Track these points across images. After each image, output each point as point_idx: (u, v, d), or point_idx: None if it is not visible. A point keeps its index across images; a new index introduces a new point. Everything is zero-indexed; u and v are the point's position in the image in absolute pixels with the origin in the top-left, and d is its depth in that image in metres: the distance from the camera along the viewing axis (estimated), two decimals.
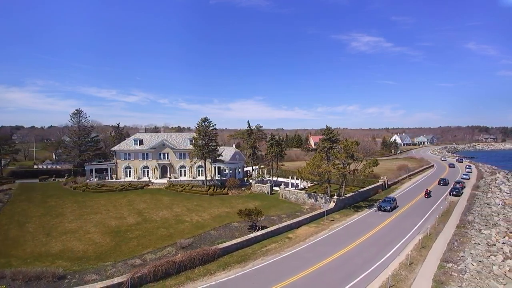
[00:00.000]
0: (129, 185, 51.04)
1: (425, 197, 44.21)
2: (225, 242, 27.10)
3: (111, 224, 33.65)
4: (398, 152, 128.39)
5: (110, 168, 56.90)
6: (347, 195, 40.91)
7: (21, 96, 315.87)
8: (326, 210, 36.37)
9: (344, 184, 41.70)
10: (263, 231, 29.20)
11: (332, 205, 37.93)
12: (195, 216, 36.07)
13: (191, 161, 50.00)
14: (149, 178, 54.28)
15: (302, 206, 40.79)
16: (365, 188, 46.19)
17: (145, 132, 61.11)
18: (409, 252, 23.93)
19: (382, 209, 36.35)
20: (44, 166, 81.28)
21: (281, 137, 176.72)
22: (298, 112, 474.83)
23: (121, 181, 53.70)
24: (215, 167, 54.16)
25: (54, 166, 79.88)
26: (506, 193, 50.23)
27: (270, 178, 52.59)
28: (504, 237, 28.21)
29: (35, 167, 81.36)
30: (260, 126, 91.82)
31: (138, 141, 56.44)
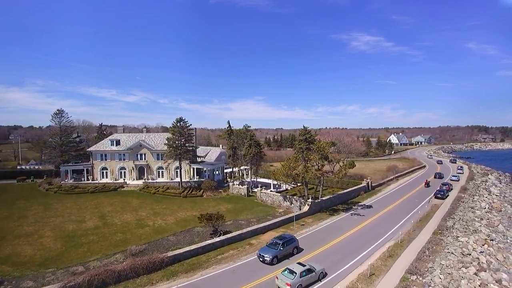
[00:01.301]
0: (103, 187, 49.31)
1: (425, 187, 50.82)
2: (179, 248, 25.29)
3: (68, 228, 32.00)
4: (392, 152, 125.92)
5: (87, 169, 55.23)
6: (323, 198, 38.84)
7: (21, 96, 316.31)
8: (299, 214, 34.42)
9: (321, 186, 39.63)
10: (223, 237, 27.31)
11: (306, 208, 35.90)
12: (159, 220, 34.22)
13: (165, 162, 48.16)
14: (124, 179, 52.48)
15: (277, 209, 38.82)
16: (345, 191, 44.02)
17: (123, 132, 59.31)
18: (373, 262, 21.94)
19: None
20: (28, 167, 79.82)
21: (275, 137, 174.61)
22: (298, 112, 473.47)
23: (95, 183, 51.99)
24: (193, 168, 52.28)
25: (37, 167, 78.47)
26: (496, 195, 47.89)
27: (251, 180, 50.61)
28: (483, 245, 26.08)
29: (18, 167, 79.95)
30: (248, 126, 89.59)
31: (114, 142, 54.68)
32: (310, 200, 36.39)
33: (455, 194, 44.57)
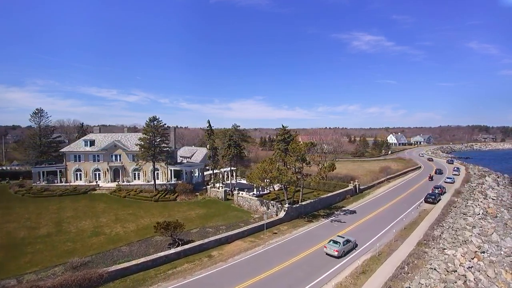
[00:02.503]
0: (73, 189, 46.51)
1: (429, 180, 56.78)
2: (126, 262, 22.39)
3: (19, 235, 29.25)
4: (389, 152, 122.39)
5: (60, 171, 52.50)
6: (303, 203, 35.80)
7: (21, 96, 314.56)
8: (274, 220, 31.44)
9: (301, 190, 36.64)
10: (180, 248, 24.39)
11: (281, 214, 32.90)
12: (119, 227, 31.33)
13: (137, 164, 45.31)
14: (96, 182, 49.64)
15: (252, 215, 35.82)
16: (328, 194, 40.91)
17: (99, 132, 56.47)
18: (341, 280, 18.93)
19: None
20: (9, 168, 77.24)
21: (271, 137, 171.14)
22: (299, 112, 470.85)
23: (67, 185, 49.18)
24: (170, 170, 49.39)
25: (17, 168, 75.89)
26: (492, 199, 44.63)
27: (231, 182, 47.64)
28: (472, 258, 23.00)
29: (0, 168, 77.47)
30: (237, 126, 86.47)
31: (88, 142, 51.85)
32: (287, 205, 33.38)
33: (447, 198, 41.38)
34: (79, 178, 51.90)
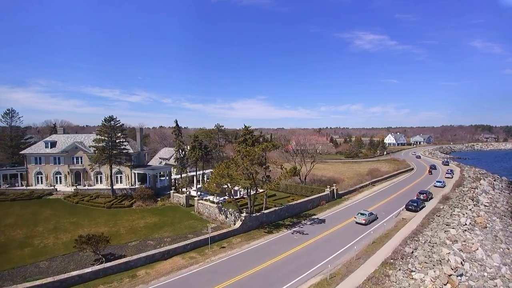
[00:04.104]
0: (29, 194, 43.24)
1: (429, 174, 62.36)
2: (30, 281, 18.83)
3: None
4: (384, 153, 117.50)
5: (21, 174, 49.37)
6: (266, 211, 31.85)
7: (25, 96, 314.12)
8: (226, 232, 27.61)
9: (265, 197, 32.76)
10: (100, 266, 20.79)
11: (237, 225, 29.05)
12: (52, 238, 27.88)
13: (91, 167, 41.89)
14: (54, 186, 46.29)
15: (208, 224, 31.99)
16: (298, 201, 36.84)
17: (63, 133, 53.11)
18: None
19: None
20: None
21: (266, 137, 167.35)
22: (301, 112, 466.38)
23: (25, 189, 45.95)
24: (134, 174, 45.85)
25: None
26: (484, 205, 40.19)
27: (197, 187, 43.92)
28: (444, 285, 18.93)
29: None
30: (221, 126, 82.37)
31: (49, 144, 48.60)
32: (244, 214, 29.51)
33: (432, 205, 37.07)
34: (40, 181, 48.76)
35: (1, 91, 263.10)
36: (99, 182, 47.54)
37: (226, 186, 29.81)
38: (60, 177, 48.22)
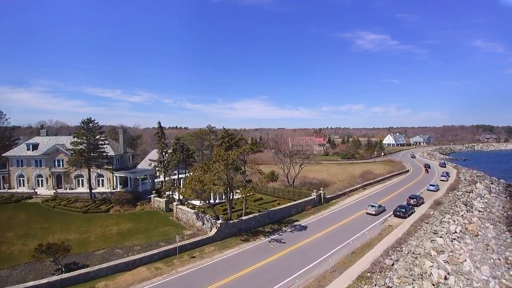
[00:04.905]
0: (9, 197, 41.98)
1: (426, 173, 66.47)
2: None
3: None
4: (382, 154, 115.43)
5: (3, 177, 48.27)
6: (245, 218, 30.31)
7: (27, 97, 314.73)
8: (199, 240, 26.12)
9: (245, 203, 31.20)
10: (56, 278, 19.65)
11: (212, 232, 27.58)
12: (20, 244, 26.78)
13: (68, 170, 40.64)
14: (34, 189, 45.11)
15: (184, 231, 30.58)
16: (281, 206, 35.21)
17: (46, 135, 51.87)
18: None
19: None
20: None
21: (262, 137, 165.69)
22: (302, 112, 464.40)
23: (5, 192, 44.83)
24: (116, 177, 44.53)
25: None
26: (479, 211, 38.44)
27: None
28: None
29: None
30: (213, 127, 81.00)
31: (31, 146, 47.45)
32: (220, 221, 28.02)
33: (423, 211, 35.32)
34: (22, 184, 47.66)
35: (3, 91, 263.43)
36: (80, 185, 46.27)
37: (200, 191, 28.30)
38: (41, 180, 47.02)
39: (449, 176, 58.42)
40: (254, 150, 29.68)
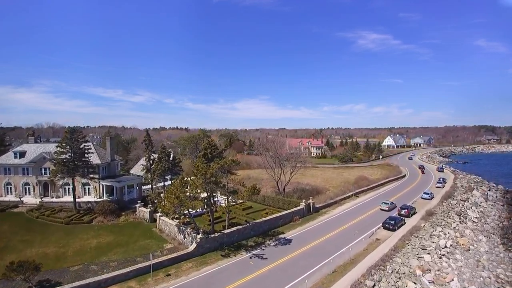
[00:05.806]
0: None
1: (422, 174, 71.69)
2: None
3: None
4: (380, 157, 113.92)
5: None
6: (227, 231, 29.39)
7: (29, 97, 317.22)
8: (177, 256, 25.24)
9: (227, 215, 30.27)
10: None
11: (192, 247, 26.72)
12: None
13: (53, 180, 40.00)
14: (20, 198, 44.58)
15: (165, 245, 29.72)
16: (267, 218, 34.11)
17: (34, 142, 51.34)
18: None
19: None
20: None
21: (260, 139, 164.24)
22: (304, 112, 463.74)
23: None
24: (102, 185, 43.84)
25: None
26: (473, 221, 37.22)
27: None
28: None
29: None
30: (207, 131, 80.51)
31: (18, 154, 46.90)
32: (200, 235, 27.14)
33: (413, 223, 34.18)
34: (10, 192, 47.11)
35: (4, 92, 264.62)
36: (67, 193, 45.56)
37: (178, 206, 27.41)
38: (28, 188, 46.46)
39: (445, 183, 57.02)
40: (236, 163, 28.73)
